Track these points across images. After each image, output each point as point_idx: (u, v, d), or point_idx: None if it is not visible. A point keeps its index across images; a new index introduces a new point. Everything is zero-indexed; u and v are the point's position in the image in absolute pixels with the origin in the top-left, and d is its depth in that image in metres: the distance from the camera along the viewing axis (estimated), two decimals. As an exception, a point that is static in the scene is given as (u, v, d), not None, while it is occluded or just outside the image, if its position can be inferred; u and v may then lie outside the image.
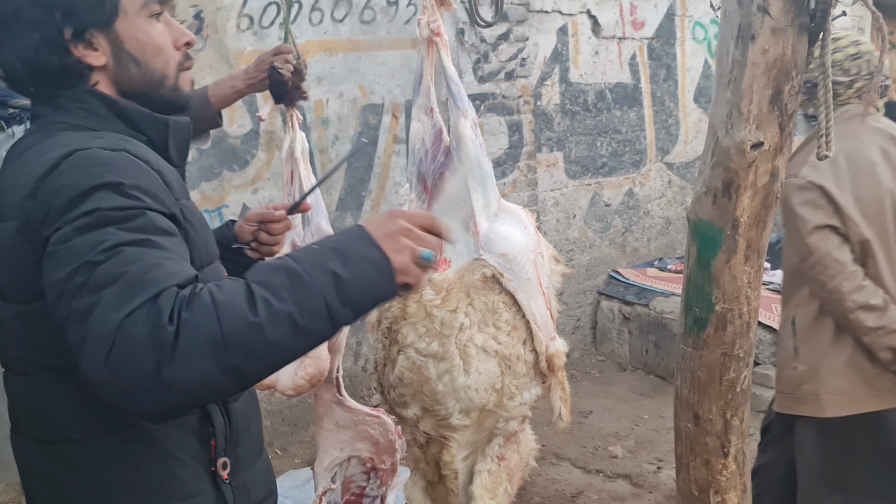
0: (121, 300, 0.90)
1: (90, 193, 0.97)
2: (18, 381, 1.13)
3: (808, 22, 1.47)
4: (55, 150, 1.04)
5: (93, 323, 0.89)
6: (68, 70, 1.11)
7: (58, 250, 0.96)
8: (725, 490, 1.73)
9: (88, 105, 1.13)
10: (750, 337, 1.68)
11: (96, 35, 1.11)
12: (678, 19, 5.27)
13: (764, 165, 1.55)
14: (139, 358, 0.87)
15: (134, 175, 1.02)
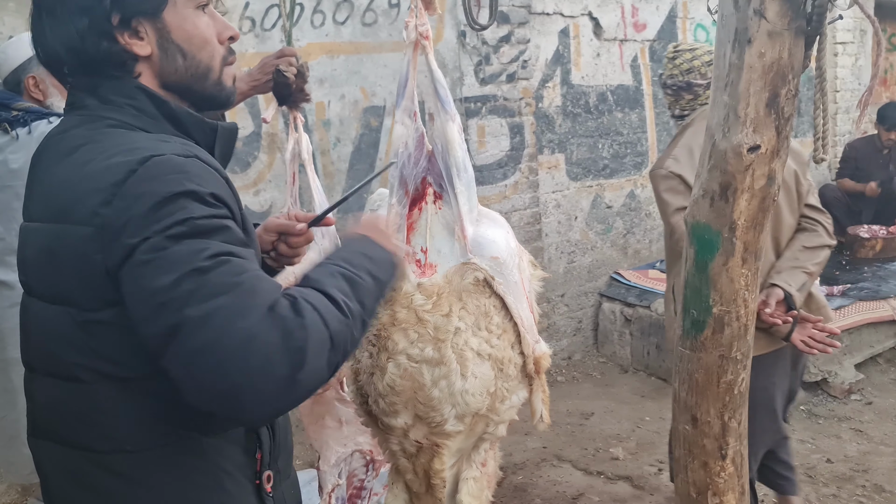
0: (244, 308, 0.93)
1: (173, 201, 0.96)
2: (63, 386, 1.07)
3: (804, 25, 1.48)
4: (126, 154, 1.01)
5: (217, 331, 0.91)
6: (113, 58, 1.09)
7: (154, 258, 0.94)
8: (723, 492, 1.74)
9: (137, 103, 1.10)
10: (747, 339, 1.69)
11: (143, 24, 1.10)
12: (680, 21, 5.28)
13: (761, 168, 1.55)
14: (275, 364, 0.92)
15: (211, 183, 1.02)
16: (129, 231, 0.96)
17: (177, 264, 0.93)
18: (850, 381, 4.16)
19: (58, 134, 1.13)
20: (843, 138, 6.45)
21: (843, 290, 4.59)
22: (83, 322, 1.02)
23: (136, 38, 1.10)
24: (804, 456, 3.56)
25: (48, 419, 1.12)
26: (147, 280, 0.94)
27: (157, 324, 0.93)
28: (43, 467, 1.16)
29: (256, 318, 0.92)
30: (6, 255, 2.30)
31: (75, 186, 1.02)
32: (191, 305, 0.92)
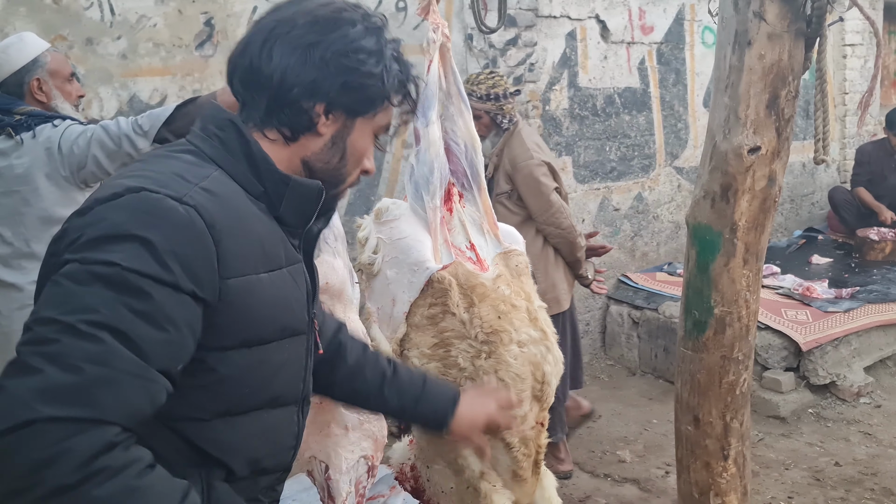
0: (55, 394, 0.83)
1: (124, 240, 0.93)
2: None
3: (804, 27, 1.49)
4: (135, 179, 1.00)
5: (15, 386, 0.83)
6: (299, 116, 1.11)
7: (63, 286, 0.90)
8: (726, 492, 1.74)
9: (224, 135, 1.11)
10: (749, 340, 1.69)
11: (340, 115, 1.14)
12: (687, 24, 5.27)
13: (761, 169, 1.56)
14: (17, 469, 0.81)
15: (182, 244, 0.95)
16: (73, 247, 0.94)
17: (64, 306, 0.88)
18: (859, 383, 4.14)
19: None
20: (853, 140, 6.42)
21: (853, 293, 4.56)
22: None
23: (325, 118, 1.12)
24: (812, 459, 3.55)
25: None
26: (45, 297, 0.91)
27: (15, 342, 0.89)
28: None
29: (52, 414, 0.82)
30: (14, 258, 2.33)
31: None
32: (29, 349, 0.86)
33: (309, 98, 1.10)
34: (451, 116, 1.90)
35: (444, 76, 1.92)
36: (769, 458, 3.56)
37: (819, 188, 6.44)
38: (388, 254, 1.79)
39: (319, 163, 1.15)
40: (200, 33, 3.49)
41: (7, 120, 2.29)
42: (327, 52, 1.09)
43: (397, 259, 1.75)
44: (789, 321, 4.19)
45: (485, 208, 1.84)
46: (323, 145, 1.14)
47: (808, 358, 4.07)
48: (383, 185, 4.10)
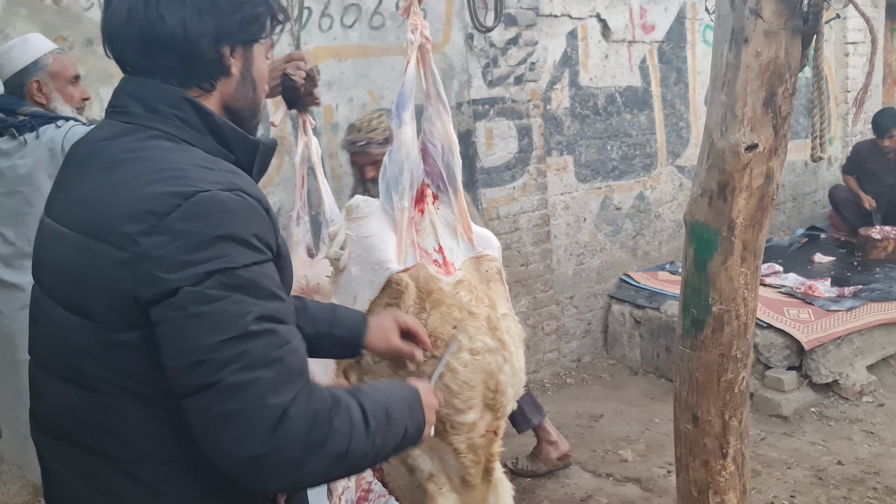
0: (279, 386, 0.97)
1: (214, 244, 0.97)
2: (82, 394, 1.07)
3: (801, 24, 1.49)
4: (170, 183, 1.00)
5: (250, 402, 0.95)
6: (212, 65, 1.12)
7: (201, 313, 0.95)
8: (725, 491, 1.74)
9: (183, 114, 1.10)
10: (747, 338, 1.69)
11: (238, 49, 1.14)
12: (688, 22, 5.27)
13: (759, 167, 1.56)
14: (292, 448, 0.97)
15: (253, 222, 1.03)
16: (167, 267, 0.96)
17: (224, 325, 0.96)
18: (862, 382, 4.13)
19: (102, 140, 1.11)
20: (854, 139, 6.41)
21: (855, 292, 4.55)
22: (107, 340, 1.02)
23: (232, 57, 1.14)
24: (815, 458, 3.54)
25: (61, 421, 1.11)
26: (191, 332, 0.96)
27: (191, 376, 0.96)
28: (50, 465, 1.16)
29: (289, 400, 0.97)
30: (16, 258, 2.34)
31: (114, 206, 1.01)
32: (229, 371, 0.95)
33: (216, 44, 1.11)
34: (429, 118, 1.89)
35: (423, 77, 1.92)
36: (771, 458, 3.55)
37: (821, 187, 6.42)
38: (354, 250, 1.77)
39: (239, 102, 1.17)
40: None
41: (10, 120, 2.31)
42: None
43: (361, 257, 1.74)
44: (791, 320, 4.19)
45: (460, 211, 1.82)
46: (237, 84, 1.16)
47: (811, 357, 4.07)
48: (384, 184, 4.10)
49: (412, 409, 1.18)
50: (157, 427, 1.05)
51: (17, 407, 2.44)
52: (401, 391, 1.21)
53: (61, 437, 1.12)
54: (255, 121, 1.22)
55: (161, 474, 1.07)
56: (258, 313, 0.98)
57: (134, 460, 1.06)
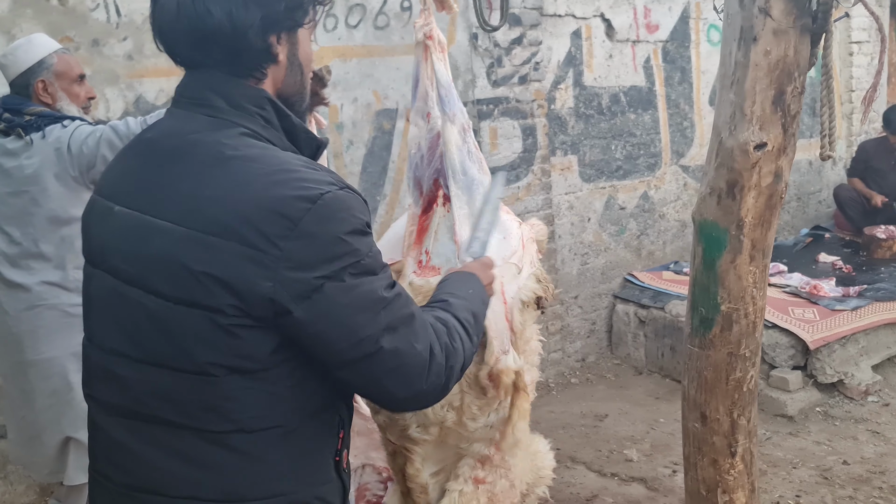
0: (419, 335, 1.16)
1: (346, 240, 1.09)
2: (184, 378, 1.12)
3: (809, 23, 1.48)
4: (291, 187, 1.08)
5: (406, 356, 1.14)
6: (261, 55, 1.16)
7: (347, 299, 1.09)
8: (733, 489, 1.73)
9: (266, 113, 1.17)
10: (756, 336, 1.69)
11: (283, 35, 1.18)
12: (693, 22, 5.26)
13: (767, 166, 1.56)
14: (440, 376, 1.18)
15: (364, 213, 1.15)
16: (308, 268, 1.06)
17: (367, 304, 1.10)
18: (867, 382, 4.12)
19: (192, 133, 1.15)
20: (860, 138, 6.40)
21: (860, 291, 4.55)
22: (227, 326, 1.08)
23: (279, 45, 1.17)
24: (820, 458, 3.54)
25: (145, 402, 1.15)
26: (343, 318, 1.09)
27: (354, 352, 1.10)
28: (124, 444, 1.18)
29: (429, 343, 1.17)
30: (22, 258, 2.34)
31: (238, 206, 1.07)
32: (385, 340, 1.11)
33: (264, 34, 1.14)
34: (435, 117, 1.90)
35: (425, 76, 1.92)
36: (777, 457, 3.55)
37: (826, 186, 6.42)
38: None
39: (289, 88, 1.21)
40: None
41: (17, 120, 2.31)
42: None
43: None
44: (796, 319, 4.18)
45: (454, 215, 1.82)
46: (285, 71, 1.20)
47: (816, 356, 4.06)
48: (388, 184, 4.11)
49: (482, 297, 1.40)
50: (259, 398, 1.13)
51: (23, 407, 2.44)
52: (470, 285, 1.39)
53: (144, 418, 1.16)
54: (304, 105, 1.27)
55: (258, 442, 1.14)
56: (384, 284, 1.14)
57: (232, 431, 1.13)
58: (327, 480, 1.23)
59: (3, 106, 2.37)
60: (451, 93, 1.88)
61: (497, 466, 1.95)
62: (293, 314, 1.07)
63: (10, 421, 2.56)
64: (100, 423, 1.22)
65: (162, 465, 1.15)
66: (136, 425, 1.17)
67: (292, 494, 1.17)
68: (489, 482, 1.93)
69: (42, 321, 2.34)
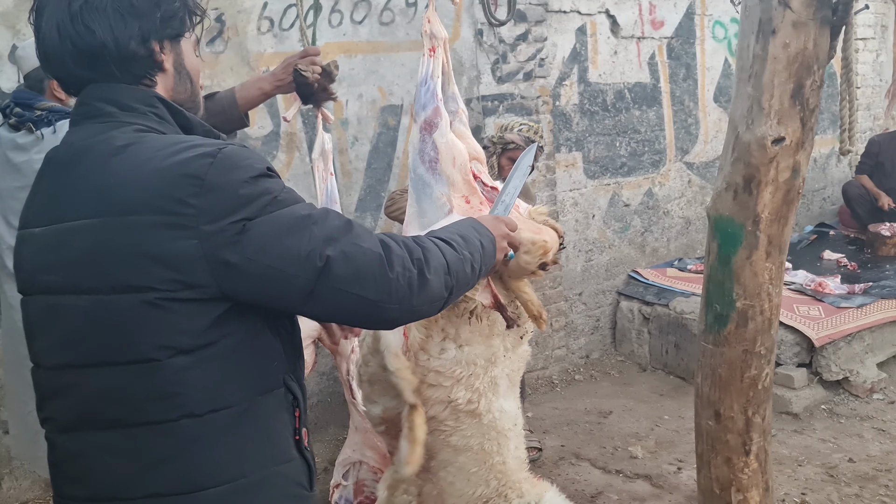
0: (363, 236, 1.17)
1: (254, 182, 1.11)
2: (129, 371, 1.13)
3: (829, 15, 1.46)
4: (189, 151, 1.11)
5: (359, 256, 1.14)
6: (146, 63, 1.21)
7: (274, 229, 1.11)
8: (747, 488, 1.72)
9: (158, 111, 1.21)
10: (771, 334, 1.67)
11: (167, 44, 1.24)
12: (698, 18, 5.24)
13: (785, 160, 1.54)
14: (409, 267, 1.18)
15: (265, 163, 1.17)
16: (227, 215, 1.08)
17: (295, 224, 1.12)
18: (873, 379, 4.11)
19: (87, 139, 1.18)
20: (865, 135, 6.38)
21: (865, 288, 4.53)
22: (162, 302, 1.09)
23: (163, 53, 1.23)
24: (826, 455, 3.53)
25: (95, 408, 1.16)
26: (279, 244, 1.10)
27: (307, 270, 1.11)
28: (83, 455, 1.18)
29: (376, 240, 1.17)
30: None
31: (143, 181, 1.09)
32: (328, 248, 1.12)
33: (144, 42, 1.20)
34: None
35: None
36: (782, 455, 3.54)
37: (830, 183, 6.40)
38: None
39: (180, 95, 1.27)
40: (211, 29, 3.48)
41: (28, 115, 2.30)
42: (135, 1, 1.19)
43: None
44: (802, 317, 4.17)
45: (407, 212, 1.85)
46: (174, 79, 1.26)
47: (821, 354, 4.05)
48: (393, 180, 4.09)
49: (477, 230, 1.39)
50: (204, 379, 1.13)
51: (28, 402, 2.42)
52: (465, 223, 1.42)
53: (96, 425, 1.16)
54: (199, 113, 1.32)
55: (208, 425, 1.14)
56: (307, 208, 1.15)
57: (181, 417, 1.13)
58: (289, 458, 1.23)
59: (15, 100, 2.36)
60: (422, 89, 1.86)
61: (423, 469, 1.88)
62: (231, 262, 1.09)
63: (14, 416, 2.54)
64: (56, 442, 1.22)
65: (117, 469, 1.16)
66: (88, 436, 1.17)
67: (253, 475, 1.17)
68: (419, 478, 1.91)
69: (48, 316, 2.33)
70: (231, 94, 2.02)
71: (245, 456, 1.17)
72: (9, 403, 2.59)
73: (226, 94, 2.01)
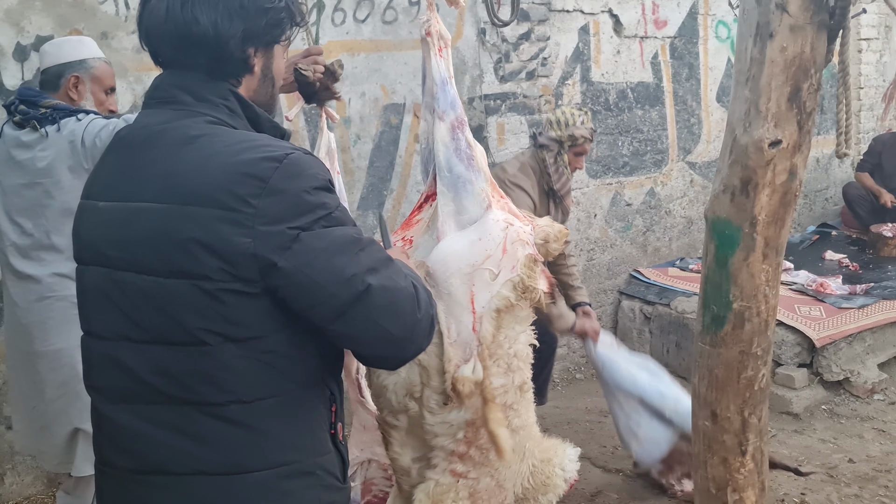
0: (399, 272, 1.23)
1: (314, 194, 1.15)
2: (182, 351, 1.17)
3: (827, 19, 1.47)
4: (256, 151, 1.15)
5: (394, 291, 1.19)
6: (240, 64, 1.25)
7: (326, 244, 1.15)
8: (743, 488, 1.73)
9: (230, 104, 1.24)
10: (768, 335, 1.68)
11: (261, 49, 1.27)
12: (701, 18, 5.24)
13: (782, 163, 1.55)
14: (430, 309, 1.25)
15: (326, 171, 1.21)
16: (283, 221, 1.12)
17: (345, 245, 1.16)
18: (873, 380, 4.11)
19: (161, 124, 1.22)
20: (868, 136, 6.37)
21: (867, 289, 4.53)
22: (214, 291, 1.14)
23: (256, 57, 1.27)
24: (826, 455, 3.53)
25: (148, 382, 1.20)
26: (326, 262, 1.14)
27: (345, 292, 1.15)
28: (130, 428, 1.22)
29: (409, 280, 1.23)
30: (33, 249, 2.34)
31: (210, 174, 1.14)
32: (370, 276, 1.17)
33: (244, 45, 1.23)
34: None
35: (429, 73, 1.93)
36: (782, 455, 3.54)
37: (833, 184, 6.40)
38: None
39: (259, 97, 1.30)
40: (214, 27, 3.49)
41: (33, 113, 2.31)
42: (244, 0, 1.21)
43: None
44: (803, 317, 4.17)
45: (437, 212, 1.83)
46: (258, 81, 1.29)
47: (822, 354, 4.05)
48: (395, 179, 4.10)
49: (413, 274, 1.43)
50: (253, 368, 1.17)
51: (33, 398, 2.44)
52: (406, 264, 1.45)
53: (146, 398, 1.21)
54: (271, 113, 1.35)
55: (255, 412, 1.18)
56: (357, 233, 1.20)
57: (229, 402, 1.17)
58: (326, 451, 1.27)
59: (20, 97, 2.37)
60: (445, 90, 1.88)
61: (479, 464, 1.92)
62: (278, 265, 1.12)
63: (19, 411, 2.56)
64: (103, 411, 1.26)
65: (166, 443, 1.19)
66: (138, 408, 1.21)
67: (295, 464, 1.21)
68: (471, 477, 1.91)
69: (52, 312, 2.34)
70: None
71: (287, 445, 1.21)
72: (13, 399, 2.61)
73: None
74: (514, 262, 1.83)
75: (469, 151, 1.87)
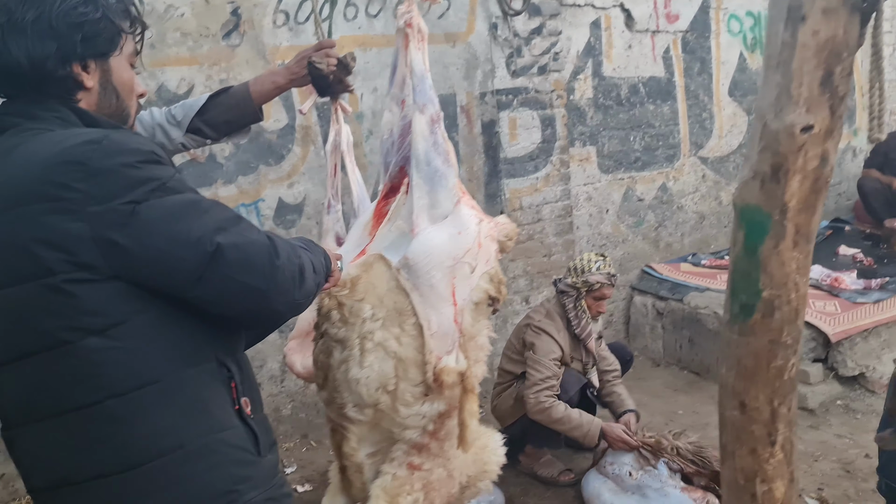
0: (250, 227, 1.23)
1: (142, 166, 1.15)
2: (45, 359, 1.15)
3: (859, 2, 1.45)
4: (75, 139, 1.14)
5: (246, 247, 1.20)
6: (65, 82, 1.24)
7: (164, 213, 1.14)
8: (772, 479, 1.71)
9: (61, 114, 1.24)
10: (798, 324, 1.66)
11: (93, 63, 1.26)
12: (713, 12, 5.22)
13: (814, 149, 1.52)
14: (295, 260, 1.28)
15: (154, 147, 1.20)
16: (114, 197, 1.11)
17: (185, 209, 1.16)
18: (889, 375, 4.08)
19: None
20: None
21: (882, 284, 4.51)
22: (60, 285, 1.12)
23: (86, 73, 1.26)
24: (842, 451, 3.52)
25: (30, 401, 1.19)
26: (169, 228, 1.14)
27: (197, 254, 1.15)
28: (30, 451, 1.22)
29: (262, 233, 1.24)
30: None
31: (31, 171, 1.13)
32: (219, 236, 1.16)
33: (63, 64, 1.23)
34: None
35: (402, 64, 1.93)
36: (798, 450, 3.52)
37: (846, 178, 6.37)
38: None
39: (104, 111, 1.30)
40: (227, 23, 3.48)
41: None
42: (52, 19, 1.20)
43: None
44: (818, 312, 4.15)
45: (412, 205, 1.83)
46: (98, 95, 1.29)
47: (837, 349, 4.03)
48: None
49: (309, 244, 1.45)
50: (120, 358, 1.15)
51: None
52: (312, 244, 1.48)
53: (35, 418, 1.19)
54: (126, 123, 1.35)
55: (134, 403, 1.16)
56: (197, 197, 1.20)
57: (105, 398, 1.15)
58: (229, 426, 1.26)
59: None
60: (425, 83, 1.88)
61: (435, 455, 1.96)
62: (119, 243, 1.12)
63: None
64: (7, 437, 1.25)
65: (61, 456, 1.19)
66: (32, 429, 1.20)
67: (190, 444, 1.20)
68: (425, 469, 1.95)
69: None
70: (245, 88, 2.00)
71: (179, 427, 1.20)
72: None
73: (240, 87, 2.00)
74: (488, 255, 1.90)
75: (444, 146, 1.88)
